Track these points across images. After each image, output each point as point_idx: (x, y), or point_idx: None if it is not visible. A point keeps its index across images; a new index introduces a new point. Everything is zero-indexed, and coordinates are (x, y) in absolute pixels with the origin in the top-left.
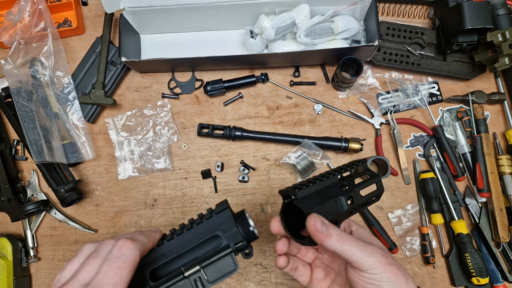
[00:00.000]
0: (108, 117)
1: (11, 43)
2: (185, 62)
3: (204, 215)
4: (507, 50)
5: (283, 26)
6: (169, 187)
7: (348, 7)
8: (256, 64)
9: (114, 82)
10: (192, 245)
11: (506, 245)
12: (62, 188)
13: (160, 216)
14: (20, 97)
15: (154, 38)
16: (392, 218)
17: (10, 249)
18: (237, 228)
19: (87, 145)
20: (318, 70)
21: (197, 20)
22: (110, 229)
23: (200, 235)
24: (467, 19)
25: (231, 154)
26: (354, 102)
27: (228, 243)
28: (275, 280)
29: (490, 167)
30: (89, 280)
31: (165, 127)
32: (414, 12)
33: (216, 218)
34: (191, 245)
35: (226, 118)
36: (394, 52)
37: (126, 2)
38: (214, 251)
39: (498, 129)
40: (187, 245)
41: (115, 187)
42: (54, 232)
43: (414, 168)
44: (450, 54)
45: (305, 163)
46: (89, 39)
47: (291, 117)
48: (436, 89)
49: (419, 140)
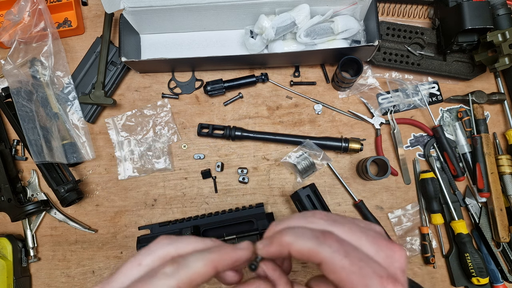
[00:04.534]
0: (108, 117)
1: (11, 43)
2: (185, 62)
3: (247, 206)
4: (507, 50)
5: (283, 26)
6: (169, 187)
7: (348, 7)
8: (256, 64)
9: (114, 82)
10: (234, 222)
11: (506, 245)
12: (62, 188)
13: (160, 216)
14: (20, 97)
15: (154, 38)
16: (392, 218)
17: (10, 249)
18: (266, 219)
19: (87, 145)
20: (318, 70)
21: (197, 20)
22: (110, 229)
23: (241, 217)
24: (467, 19)
25: (231, 154)
26: (354, 102)
27: (258, 227)
28: None
29: (490, 167)
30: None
31: (165, 127)
32: (414, 12)
33: (253, 210)
34: (233, 221)
35: (226, 118)
36: (394, 52)
37: (126, 2)
38: (247, 230)
39: (498, 129)
40: (231, 220)
41: (115, 187)
42: (54, 232)
43: (414, 168)
44: (450, 54)
45: (305, 163)
46: (89, 39)
47: (291, 117)
48: (436, 89)
49: (419, 140)
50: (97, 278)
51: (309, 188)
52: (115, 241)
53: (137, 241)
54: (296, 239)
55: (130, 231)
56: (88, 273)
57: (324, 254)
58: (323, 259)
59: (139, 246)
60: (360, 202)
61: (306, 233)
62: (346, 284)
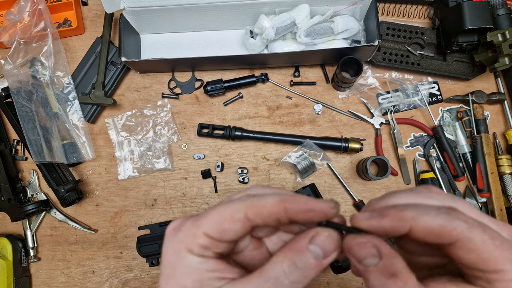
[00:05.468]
0: (108, 117)
1: (11, 43)
2: (185, 62)
3: None
4: (507, 50)
5: (283, 26)
6: (169, 187)
7: (348, 7)
8: (256, 64)
9: (114, 82)
10: None
11: None
12: (62, 188)
13: (160, 216)
14: (20, 97)
15: (154, 38)
16: None
17: (10, 249)
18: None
19: (87, 145)
20: (318, 70)
21: (197, 20)
22: (110, 229)
23: None
24: (467, 19)
25: (231, 154)
26: (354, 102)
27: None
28: None
29: (490, 167)
30: None
31: (165, 127)
32: (414, 12)
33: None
34: None
35: (226, 118)
36: (394, 52)
37: (126, 2)
38: None
39: (498, 129)
40: None
41: (115, 187)
42: (54, 232)
43: (414, 168)
44: (450, 54)
45: (305, 163)
46: (89, 39)
47: (291, 117)
48: (436, 89)
49: (419, 140)
50: (97, 278)
51: (309, 188)
52: (115, 241)
53: (137, 241)
54: (422, 214)
55: (130, 231)
56: (88, 273)
57: (461, 229)
58: (459, 236)
59: (139, 246)
60: (360, 202)
61: (432, 208)
62: (489, 262)
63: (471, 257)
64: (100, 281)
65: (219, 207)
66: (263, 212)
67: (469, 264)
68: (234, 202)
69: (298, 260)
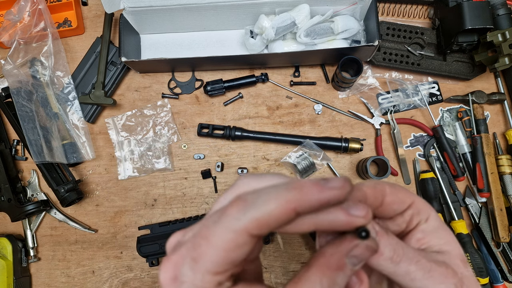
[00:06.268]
0: (108, 117)
1: (11, 43)
2: (185, 62)
3: None
4: (507, 50)
5: (283, 26)
6: (169, 187)
7: (348, 7)
8: (256, 64)
9: (114, 82)
10: None
11: (506, 245)
12: (62, 188)
13: (160, 216)
14: (20, 97)
15: (154, 38)
16: None
17: (10, 249)
18: None
19: (87, 145)
20: (318, 70)
21: (197, 20)
22: (110, 229)
23: None
24: (467, 19)
25: (231, 154)
26: (354, 102)
27: None
28: (275, 280)
29: (490, 167)
30: None
31: (165, 127)
32: (414, 12)
33: None
34: None
35: (226, 118)
36: (394, 52)
37: (126, 2)
38: None
39: (498, 129)
40: None
41: (115, 187)
42: (54, 232)
43: (414, 168)
44: (450, 54)
45: (305, 163)
46: (89, 39)
47: (291, 117)
48: (436, 89)
49: (419, 140)
50: (97, 278)
51: None
52: (115, 241)
53: (137, 241)
54: (390, 187)
55: (130, 231)
56: (88, 273)
57: (414, 198)
58: (414, 200)
59: (139, 246)
60: None
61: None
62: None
63: (395, 208)
64: (100, 281)
65: (216, 233)
66: (269, 223)
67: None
68: (230, 222)
69: (337, 276)
